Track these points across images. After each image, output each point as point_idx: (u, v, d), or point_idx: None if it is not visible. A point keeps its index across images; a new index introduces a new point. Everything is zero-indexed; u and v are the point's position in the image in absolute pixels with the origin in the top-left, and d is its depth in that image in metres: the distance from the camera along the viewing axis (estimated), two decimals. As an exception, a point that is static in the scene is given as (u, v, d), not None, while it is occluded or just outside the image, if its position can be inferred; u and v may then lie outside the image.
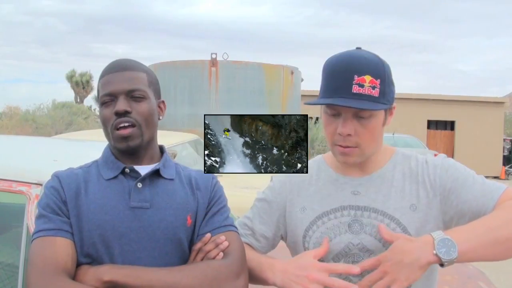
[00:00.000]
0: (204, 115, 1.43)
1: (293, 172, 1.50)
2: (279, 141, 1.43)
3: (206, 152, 1.43)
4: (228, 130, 1.44)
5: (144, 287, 1.18)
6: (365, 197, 1.36)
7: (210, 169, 1.44)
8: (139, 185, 1.30)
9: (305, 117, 1.45)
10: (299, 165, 1.45)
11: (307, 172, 1.46)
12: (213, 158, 1.44)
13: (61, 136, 6.61)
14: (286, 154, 1.44)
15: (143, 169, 1.33)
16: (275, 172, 1.45)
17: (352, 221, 1.34)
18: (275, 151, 1.44)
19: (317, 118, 13.17)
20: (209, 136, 1.43)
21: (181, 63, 11.32)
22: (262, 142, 1.44)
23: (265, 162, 1.44)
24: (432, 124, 22.58)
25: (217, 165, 1.44)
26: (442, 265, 1.18)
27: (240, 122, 1.44)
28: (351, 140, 1.30)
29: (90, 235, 1.25)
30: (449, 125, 22.70)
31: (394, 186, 1.36)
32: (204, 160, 1.43)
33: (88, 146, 3.17)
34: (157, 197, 1.31)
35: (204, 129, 1.43)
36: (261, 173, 1.44)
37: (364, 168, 1.39)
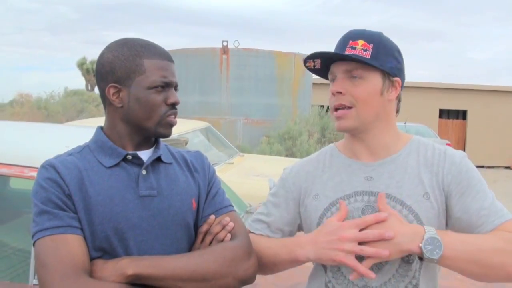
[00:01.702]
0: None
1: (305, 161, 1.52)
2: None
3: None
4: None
5: (169, 276, 1.17)
6: (378, 183, 1.34)
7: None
8: (144, 172, 1.28)
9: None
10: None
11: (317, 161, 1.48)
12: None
13: (72, 123, 6.65)
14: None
15: (142, 155, 1.31)
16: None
17: (365, 207, 1.33)
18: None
19: (328, 107, 13.09)
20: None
21: (192, 50, 11.30)
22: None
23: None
24: (444, 113, 22.39)
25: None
26: (421, 259, 1.20)
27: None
28: (343, 98, 1.32)
29: (102, 229, 1.20)
30: (461, 114, 22.49)
31: (408, 172, 1.33)
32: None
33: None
34: (162, 183, 1.30)
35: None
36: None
37: (375, 153, 1.38)
